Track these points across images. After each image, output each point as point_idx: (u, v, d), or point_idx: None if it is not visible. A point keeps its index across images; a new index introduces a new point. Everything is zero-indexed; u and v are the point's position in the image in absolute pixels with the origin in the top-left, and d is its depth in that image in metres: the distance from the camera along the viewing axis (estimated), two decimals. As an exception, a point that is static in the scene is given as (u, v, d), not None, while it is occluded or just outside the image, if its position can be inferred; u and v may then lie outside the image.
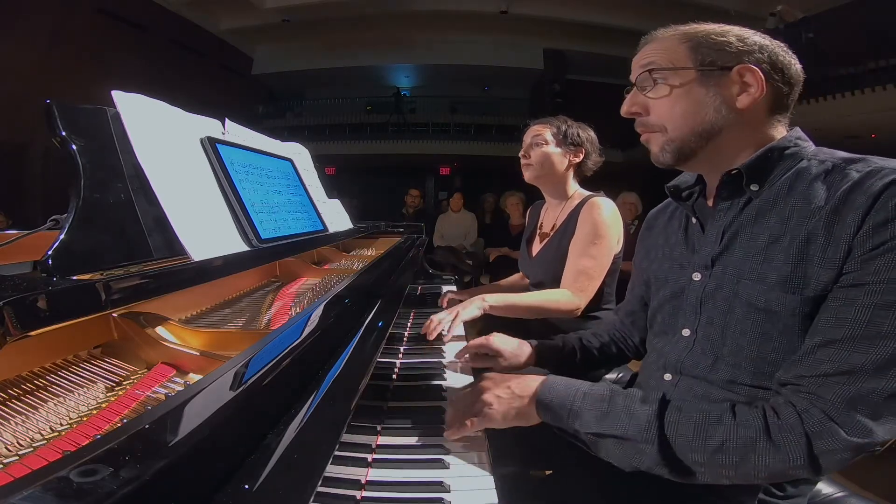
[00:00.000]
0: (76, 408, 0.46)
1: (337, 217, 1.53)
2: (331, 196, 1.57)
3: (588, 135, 1.46)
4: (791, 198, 0.63)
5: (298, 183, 1.25)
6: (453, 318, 1.12)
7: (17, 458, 0.38)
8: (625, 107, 0.74)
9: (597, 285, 1.34)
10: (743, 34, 0.67)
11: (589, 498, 0.74)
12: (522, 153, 1.48)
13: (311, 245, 1.18)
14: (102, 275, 0.52)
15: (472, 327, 1.28)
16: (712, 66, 0.66)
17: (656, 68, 0.69)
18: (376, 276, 1.05)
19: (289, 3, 9.00)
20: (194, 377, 0.53)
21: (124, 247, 0.60)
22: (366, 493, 0.57)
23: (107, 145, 0.64)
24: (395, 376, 0.96)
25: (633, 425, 0.60)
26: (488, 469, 0.64)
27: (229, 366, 0.44)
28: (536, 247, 1.57)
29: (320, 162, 1.63)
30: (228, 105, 7.67)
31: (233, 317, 0.79)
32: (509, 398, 0.70)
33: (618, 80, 0.74)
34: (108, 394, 0.50)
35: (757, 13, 7.10)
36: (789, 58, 0.67)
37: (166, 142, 0.74)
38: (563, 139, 1.43)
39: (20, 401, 0.45)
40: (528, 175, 1.48)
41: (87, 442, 0.39)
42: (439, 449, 0.68)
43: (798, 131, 0.69)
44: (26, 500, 0.23)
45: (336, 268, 1.32)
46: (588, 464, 0.69)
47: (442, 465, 0.64)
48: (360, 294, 0.84)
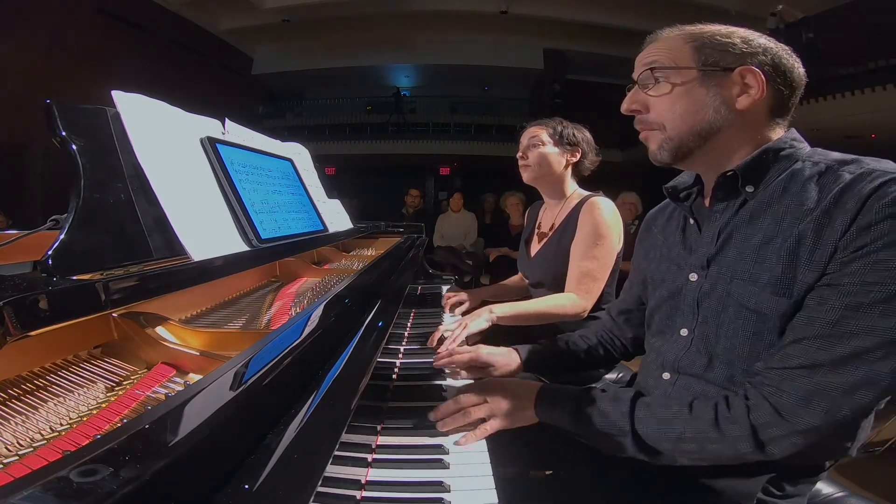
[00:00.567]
0: (76, 408, 0.46)
1: (337, 217, 1.52)
2: (331, 196, 1.57)
3: (584, 135, 1.47)
4: (785, 199, 0.64)
5: (298, 183, 1.25)
6: (462, 330, 1.12)
7: (17, 458, 0.38)
8: (625, 104, 0.74)
9: (601, 286, 1.34)
10: (748, 36, 0.67)
11: (589, 498, 0.75)
12: (520, 155, 1.49)
13: (311, 245, 1.18)
14: (102, 275, 0.51)
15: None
16: (715, 66, 0.66)
17: (658, 66, 0.69)
18: (376, 276, 1.05)
19: (289, 3, 9.00)
20: (194, 377, 0.53)
21: (124, 247, 0.60)
22: (366, 493, 0.57)
23: (107, 145, 0.64)
24: (395, 376, 0.96)
25: (608, 423, 0.67)
26: (488, 469, 0.64)
27: (229, 366, 0.44)
28: (535, 247, 1.57)
29: (320, 162, 1.63)
30: (228, 105, 7.67)
31: (233, 317, 0.79)
32: (517, 403, 0.73)
33: (618, 80, 0.74)
34: (108, 394, 0.50)
35: (757, 13, 7.09)
36: (793, 61, 0.67)
37: (166, 142, 0.74)
38: (559, 139, 1.44)
39: (20, 401, 0.45)
40: (526, 176, 1.49)
41: (87, 442, 0.39)
42: (439, 449, 0.68)
43: (794, 132, 0.69)
44: (26, 500, 0.23)
45: (336, 268, 1.32)
46: (588, 464, 0.69)
47: (442, 465, 0.64)
48: (360, 294, 0.84)
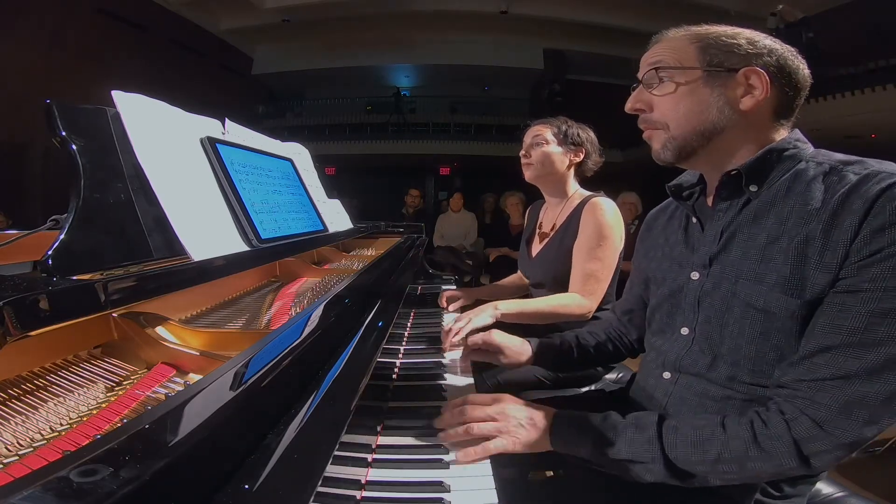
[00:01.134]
0: (76, 408, 0.46)
1: (337, 217, 1.52)
2: (331, 196, 1.57)
3: (588, 135, 1.47)
4: (789, 199, 0.64)
5: (298, 183, 1.25)
6: (466, 324, 1.12)
7: (17, 458, 0.38)
8: (629, 102, 0.74)
9: (605, 287, 1.35)
10: (753, 37, 0.67)
11: (589, 498, 0.75)
12: (523, 153, 1.49)
13: (311, 245, 1.17)
14: (102, 275, 0.51)
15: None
16: (719, 67, 0.66)
17: (663, 66, 0.69)
18: (376, 276, 1.05)
19: (289, 3, 9.00)
20: (194, 377, 0.53)
21: (124, 247, 0.60)
22: (366, 493, 0.57)
23: (107, 145, 0.64)
24: (395, 376, 0.96)
25: (636, 451, 0.63)
26: (488, 469, 0.64)
27: (229, 366, 0.44)
28: (536, 247, 1.57)
29: (320, 162, 1.63)
30: (228, 105, 7.67)
31: (233, 317, 0.79)
32: (531, 429, 0.68)
33: (618, 80, 0.74)
34: (108, 394, 0.50)
35: (757, 13, 7.10)
36: (798, 62, 0.67)
37: (166, 142, 0.74)
38: (563, 139, 1.44)
39: (20, 401, 0.45)
40: (528, 174, 1.49)
41: (87, 442, 0.39)
42: (439, 449, 0.68)
43: (798, 133, 0.69)
44: (26, 500, 0.23)
45: (336, 268, 1.32)
46: (587, 464, 0.69)
47: (442, 465, 0.64)
48: (360, 294, 0.84)
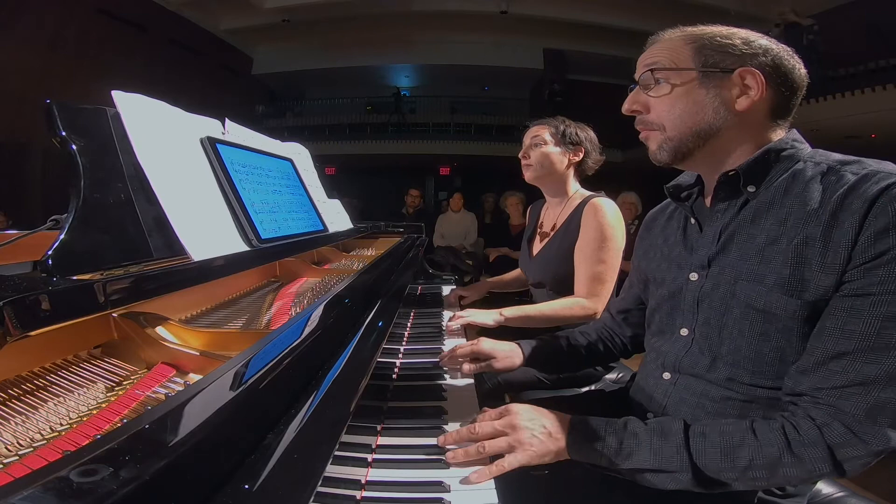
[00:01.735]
0: (76, 408, 0.46)
1: (337, 217, 1.52)
2: (331, 196, 1.57)
3: (587, 134, 1.47)
4: (787, 200, 0.63)
5: (298, 183, 1.25)
6: (467, 318, 1.16)
7: (17, 458, 0.38)
8: (626, 104, 0.74)
9: (610, 288, 1.34)
10: (749, 37, 0.67)
11: (589, 498, 0.75)
12: (522, 154, 1.49)
13: (311, 245, 1.18)
14: (102, 275, 0.51)
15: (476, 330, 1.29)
16: (714, 67, 0.66)
17: (659, 67, 0.69)
18: (376, 276, 1.05)
19: (289, 3, 8.99)
20: (194, 377, 0.53)
21: (124, 247, 0.60)
22: (366, 493, 0.57)
23: (107, 145, 0.64)
24: (395, 376, 0.96)
25: (663, 459, 0.61)
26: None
27: (229, 366, 0.44)
28: (537, 246, 1.57)
29: (320, 162, 1.63)
30: (228, 105, 7.67)
31: (233, 317, 0.79)
32: (547, 440, 0.65)
33: (618, 80, 0.74)
34: (108, 394, 0.50)
35: (757, 13, 7.10)
36: (794, 62, 0.67)
37: (166, 142, 0.74)
38: (561, 139, 1.44)
39: (20, 401, 0.45)
40: (528, 175, 1.49)
41: (87, 442, 0.39)
42: (439, 449, 0.68)
43: (795, 133, 0.69)
44: (26, 500, 0.23)
45: (336, 268, 1.32)
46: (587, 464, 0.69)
47: (442, 465, 0.64)
48: (360, 294, 0.84)
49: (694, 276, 0.73)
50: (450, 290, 1.70)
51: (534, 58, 10.66)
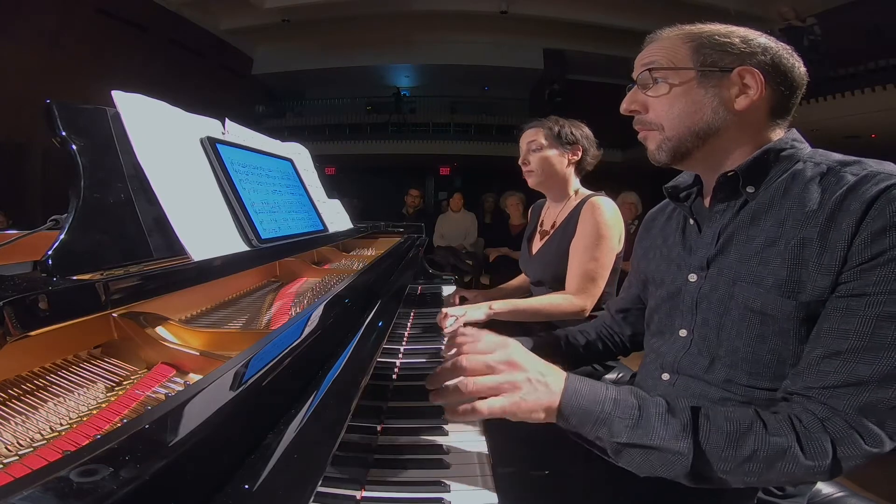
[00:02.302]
0: (76, 408, 0.46)
1: (337, 217, 1.52)
2: (331, 196, 1.57)
3: (582, 131, 1.46)
4: (786, 200, 0.63)
5: (298, 183, 1.25)
6: (460, 317, 1.17)
7: (17, 458, 0.38)
8: (624, 104, 0.74)
9: (601, 286, 1.35)
10: (748, 35, 0.67)
11: (589, 498, 0.75)
12: (521, 160, 1.48)
13: (311, 245, 1.17)
14: (102, 275, 0.51)
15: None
16: (713, 66, 0.66)
17: (657, 67, 0.69)
18: (376, 276, 1.05)
19: (289, 3, 8.99)
20: (194, 377, 0.53)
21: (124, 247, 0.60)
22: (366, 493, 0.57)
23: (107, 145, 0.64)
24: (395, 376, 0.96)
25: (666, 436, 0.55)
26: (488, 469, 0.64)
27: (229, 366, 0.44)
28: (536, 245, 1.57)
29: (320, 162, 1.63)
30: (228, 105, 7.66)
31: (233, 317, 0.79)
32: (542, 390, 0.57)
33: (618, 80, 0.74)
34: (108, 394, 0.50)
35: (757, 13, 7.09)
36: (793, 60, 0.67)
37: (166, 142, 0.74)
38: (557, 139, 1.43)
39: (20, 401, 0.45)
40: (532, 182, 1.49)
41: (87, 442, 0.39)
42: (439, 449, 0.68)
43: (795, 133, 0.69)
44: (26, 500, 0.23)
45: (336, 268, 1.32)
46: (588, 464, 0.69)
47: (442, 465, 0.64)
48: (360, 294, 0.84)
49: (693, 278, 0.73)
50: (450, 291, 1.70)
51: (534, 58, 10.66)
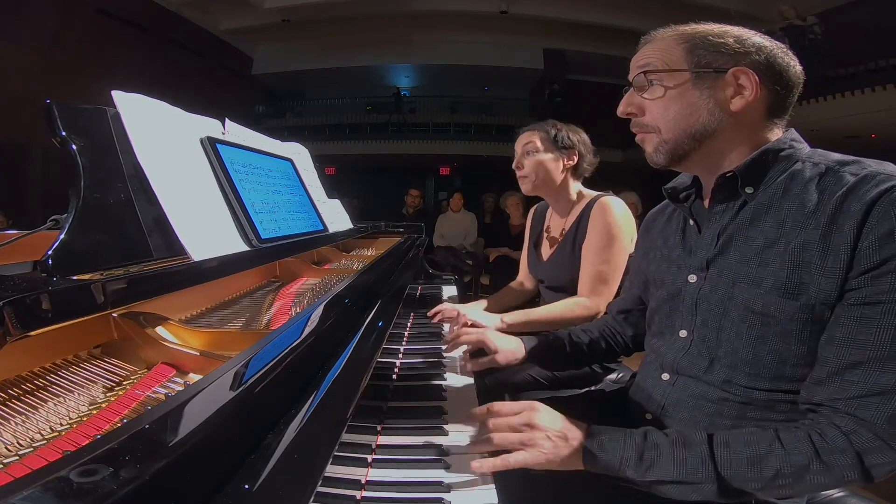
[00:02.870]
0: (76, 408, 0.46)
1: (337, 217, 1.52)
2: (331, 196, 1.57)
3: (579, 137, 1.43)
4: (786, 201, 0.63)
5: (298, 183, 1.25)
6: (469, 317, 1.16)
7: (17, 458, 0.38)
8: (621, 107, 0.74)
9: (614, 288, 1.33)
10: (742, 35, 0.66)
11: (589, 498, 0.74)
12: (516, 164, 1.45)
13: (311, 245, 1.18)
14: (102, 275, 0.51)
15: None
16: (707, 68, 0.65)
17: (651, 69, 0.69)
18: (376, 276, 1.05)
19: (289, 3, 8.99)
20: (194, 377, 0.53)
21: (124, 247, 0.60)
22: (366, 493, 0.57)
23: (107, 145, 0.64)
24: (395, 376, 0.96)
25: (686, 471, 0.59)
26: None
27: (229, 366, 0.44)
28: (546, 250, 1.54)
29: (320, 162, 1.63)
30: (228, 105, 7.66)
31: (233, 317, 0.79)
32: (560, 443, 0.63)
33: (618, 80, 0.73)
34: (108, 394, 0.50)
35: (756, 13, 7.09)
36: (788, 59, 0.66)
37: (166, 142, 0.74)
38: (553, 143, 1.40)
39: (20, 401, 0.45)
40: (525, 188, 1.45)
41: (87, 442, 0.39)
42: (439, 449, 0.68)
43: (793, 133, 0.69)
44: (26, 500, 0.23)
45: (336, 268, 1.32)
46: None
47: (442, 465, 0.64)
48: (360, 294, 0.84)
49: (692, 278, 0.73)
50: (450, 291, 1.68)
51: (534, 58, 10.65)
